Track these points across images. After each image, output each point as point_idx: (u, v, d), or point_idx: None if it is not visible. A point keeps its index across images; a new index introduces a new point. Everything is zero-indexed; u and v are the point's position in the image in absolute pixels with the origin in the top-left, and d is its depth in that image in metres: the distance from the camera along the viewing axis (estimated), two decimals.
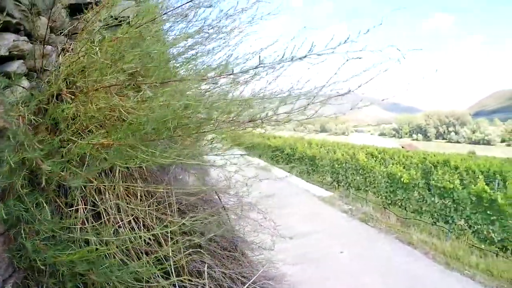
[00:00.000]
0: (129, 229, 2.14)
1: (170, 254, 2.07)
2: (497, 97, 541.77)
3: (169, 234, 2.15)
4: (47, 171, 1.78)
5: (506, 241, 9.72)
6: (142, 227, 2.22)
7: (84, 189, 2.13)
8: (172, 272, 2.02)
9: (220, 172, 3.32)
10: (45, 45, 2.25)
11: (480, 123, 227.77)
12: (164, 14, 2.72)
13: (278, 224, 3.60)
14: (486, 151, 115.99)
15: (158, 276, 2.01)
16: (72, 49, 2.52)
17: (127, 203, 2.23)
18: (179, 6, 2.78)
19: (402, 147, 70.27)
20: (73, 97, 2.13)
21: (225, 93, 2.39)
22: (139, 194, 2.35)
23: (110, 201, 2.18)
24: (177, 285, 2.03)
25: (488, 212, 10.18)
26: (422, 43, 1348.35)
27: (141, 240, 2.09)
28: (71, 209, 2.06)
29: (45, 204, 1.87)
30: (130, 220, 2.19)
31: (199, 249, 2.36)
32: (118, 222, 2.14)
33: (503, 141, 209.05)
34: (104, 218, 2.12)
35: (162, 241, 2.20)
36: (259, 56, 2.19)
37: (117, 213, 2.17)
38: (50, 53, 2.41)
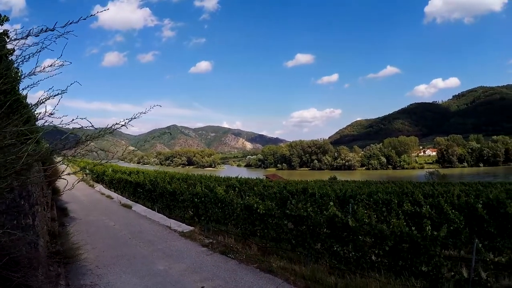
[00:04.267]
0: None
1: None
2: (355, 126, 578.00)
3: None
4: None
5: (361, 260, 10.14)
6: None
7: None
8: None
9: None
10: None
11: (341, 150, 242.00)
12: None
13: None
14: (347, 175, 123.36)
15: None
16: None
17: None
18: None
19: (266, 177, 72.35)
20: None
21: None
22: None
23: None
24: None
25: (342, 234, 10.58)
26: (286, 80, 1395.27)
27: None
28: None
29: None
30: None
31: None
32: None
33: (363, 165, 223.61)
34: None
35: None
36: None
37: None
38: None
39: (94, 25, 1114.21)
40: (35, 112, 3.89)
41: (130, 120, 3.42)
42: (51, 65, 3.32)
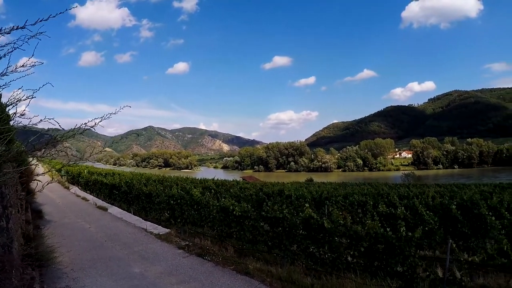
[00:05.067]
0: None
1: None
2: (332, 129, 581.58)
3: None
4: None
5: (337, 261, 10.20)
6: None
7: None
8: None
9: None
10: None
11: (318, 152, 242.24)
12: None
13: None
14: (323, 177, 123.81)
15: None
16: None
17: None
18: None
19: (243, 179, 72.44)
20: None
21: None
22: None
23: None
24: None
25: (318, 236, 10.62)
26: (263, 82, 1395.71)
27: None
28: None
29: None
30: None
31: None
32: None
33: (339, 167, 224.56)
34: None
35: None
36: None
37: None
38: None
39: (72, 24, 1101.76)
40: (9, 112, 3.84)
41: (100, 121, 3.40)
42: (22, 65, 3.28)
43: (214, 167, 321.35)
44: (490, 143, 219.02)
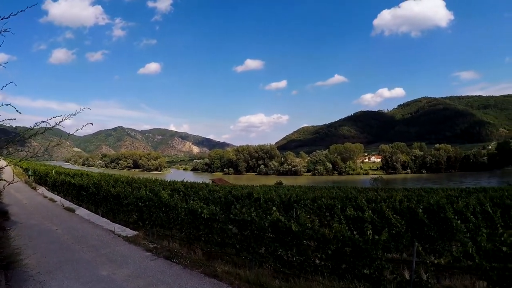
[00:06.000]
0: None
1: None
2: (302, 132, 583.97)
3: None
4: None
5: (305, 264, 10.28)
6: None
7: None
8: None
9: None
10: None
11: (288, 156, 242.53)
12: None
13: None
14: (293, 180, 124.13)
15: None
16: None
17: None
18: None
19: (212, 181, 72.47)
20: None
21: None
22: None
23: None
24: None
25: (286, 239, 10.69)
26: (235, 85, 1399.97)
27: None
28: None
29: None
30: None
31: None
32: None
33: (309, 170, 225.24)
34: None
35: None
36: None
37: None
38: None
39: (44, 19, 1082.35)
40: None
41: (61, 121, 3.39)
42: None
43: (184, 169, 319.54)
44: (457, 149, 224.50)
